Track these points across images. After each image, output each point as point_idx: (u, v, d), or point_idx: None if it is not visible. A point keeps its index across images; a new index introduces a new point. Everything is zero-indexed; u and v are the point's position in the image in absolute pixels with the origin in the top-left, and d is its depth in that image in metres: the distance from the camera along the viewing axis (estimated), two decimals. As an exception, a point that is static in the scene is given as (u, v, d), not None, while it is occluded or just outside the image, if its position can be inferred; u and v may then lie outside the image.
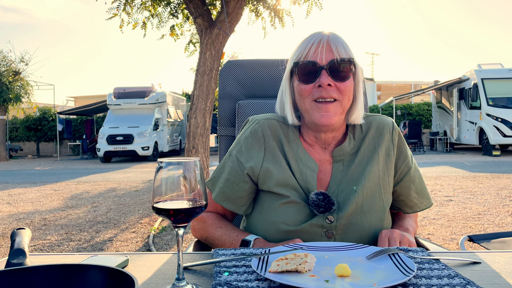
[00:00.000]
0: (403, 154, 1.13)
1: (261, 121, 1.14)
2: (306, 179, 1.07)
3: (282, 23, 5.71)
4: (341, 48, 1.05)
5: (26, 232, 0.90)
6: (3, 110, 17.46)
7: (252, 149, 1.12)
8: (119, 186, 8.65)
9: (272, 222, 1.06)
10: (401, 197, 1.14)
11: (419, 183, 1.14)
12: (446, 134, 17.21)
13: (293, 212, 1.04)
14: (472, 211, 5.26)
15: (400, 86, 32.78)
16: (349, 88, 1.06)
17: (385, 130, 1.12)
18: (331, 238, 1.04)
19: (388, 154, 1.10)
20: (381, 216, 1.07)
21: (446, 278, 0.76)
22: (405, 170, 1.12)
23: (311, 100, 1.05)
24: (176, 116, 18.75)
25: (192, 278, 0.81)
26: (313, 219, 1.03)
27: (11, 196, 7.65)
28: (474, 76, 14.54)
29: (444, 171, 9.75)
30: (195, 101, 5.41)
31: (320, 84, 1.03)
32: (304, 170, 1.08)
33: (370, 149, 1.10)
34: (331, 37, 1.06)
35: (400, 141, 1.13)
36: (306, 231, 1.03)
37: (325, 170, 1.09)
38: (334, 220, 1.03)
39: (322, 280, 0.75)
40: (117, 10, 5.89)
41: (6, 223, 5.37)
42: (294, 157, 1.09)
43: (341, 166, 1.09)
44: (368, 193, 1.06)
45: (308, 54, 1.05)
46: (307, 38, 1.08)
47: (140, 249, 4.06)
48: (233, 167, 1.13)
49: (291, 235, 1.04)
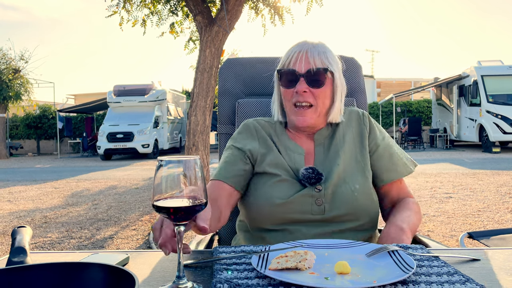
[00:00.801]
0: (372, 134, 1.30)
1: (250, 120, 1.35)
2: (294, 161, 1.22)
3: (282, 20, 5.70)
4: (318, 59, 1.21)
5: (27, 230, 0.91)
6: (3, 108, 17.46)
7: (247, 139, 1.29)
8: (119, 183, 8.66)
9: (266, 198, 1.18)
10: (373, 168, 1.27)
11: (388, 159, 1.28)
12: (446, 131, 17.21)
13: (285, 187, 1.18)
14: (472, 208, 5.27)
15: (400, 83, 32.71)
16: (324, 94, 1.22)
17: (353, 116, 1.31)
18: (320, 206, 1.16)
19: (362, 134, 1.28)
20: (363, 184, 1.21)
21: (446, 275, 0.77)
22: (374, 147, 1.28)
23: (291, 104, 1.23)
24: (176, 114, 18.74)
25: (193, 275, 0.81)
26: (303, 190, 1.17)
27: (12, 194, 7.65)
28: (474, 73, 14.53)
29: (444, 168, 9.76)
30: (195, 99, 5.41)
31: (297, 90, 1.20)
32: (292, 155, 1.24)
33: (343, 132, 1.28)
34: (311, 48, 1.22)
35: (371, 124, 1.31)
36: (297, 202, 1.16)
37: (310, 153, 1.26)
38: (322, 189, 1.17)
39: (322, 278, 0.75)
40: (116, 7, 5.88)
41: (7, 221, 5.38)
42: (282, 146, 1.26)
43: (322, 148, 1.26)
44: (347, 167, 1.22)
45: (290, 63, 1.23)
46: (291, 48, 1.25)
47: (141, 246, 4.07)
48: (232, 153, 1.26)
49: (284, 207, 1.16)
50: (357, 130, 1.29)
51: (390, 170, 1.26)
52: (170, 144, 17.64)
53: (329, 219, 1.16)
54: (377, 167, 1.27)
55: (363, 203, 1.18)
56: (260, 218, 1.19)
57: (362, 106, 1.63)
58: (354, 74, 1.62)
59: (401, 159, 1.29)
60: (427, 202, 5.73)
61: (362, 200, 1.18)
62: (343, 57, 1.60)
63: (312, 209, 1.15)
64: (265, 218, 1.18)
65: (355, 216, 1.17)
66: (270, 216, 1.17)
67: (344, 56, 1.61)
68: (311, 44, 1.24)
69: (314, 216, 1.15)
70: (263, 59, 1.69)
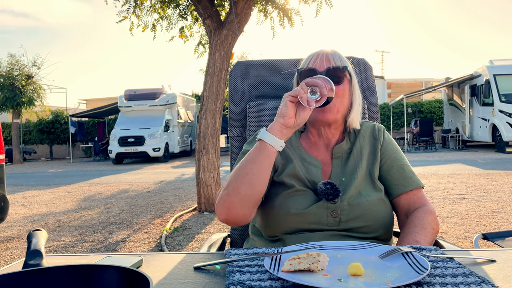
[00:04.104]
0: (384, 146, 1.32)
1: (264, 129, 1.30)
2: (311, 173, 1.23)
3: (291, 22, 5.70)
4: (337, 59, 1.26)
5: (42, 234, 0.92)
6: (17, 113, 17.73)
7: None
8: (131, 187, 8.72)
9: (281, 207, 1.18)
10: (385, 180, 1.28)
11: (400, 171, 1.28)
12: (458, 131, 17.01)
13: (301, 198, 1.19)
14: (485, 209, 5.20)
15: (410, 83, 32.43)
16: (343, 91, 1.24)
17: (370, 130, 1.34)
18: (336, 217, 1.17)
19: (375, 147, 1.30)
20: (378, 196, 1.22)
21: (461, 276, 0.76)
22: (385, 159, 1.30)
23: None
24: (186, 117, 18.83)
25: (205, 277, 0.81)
26: (319, 202, 1.17)
27: (26, 198, 7.76)
28: (486, 72, 14.35)
29: (457, 168, 9.64)
30: (205, 102, 5.43)
31: None
32: (308, 167, 1.25)
33: (361, 146, 1.30)
34: (330, 52, 1.28)
35: (385, 137, 1.33)
36: (313, 213, 1.16)
37: (326, 165, 1.27)
38: (338, 201, 1.17)
39: (335, 279, 0.75)
40: (127, 13, 5.94)
41: (21, 224, 5.46)
42: (298, 157, 1.27)
43: (339, 161, 1.27)
44: (363, 180, 1.24)
45: (309, 64, 1.27)
46: (310, 53, 1.30)
47: (153, 249, 4.09)
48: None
49: (299, 217, 1.16)
50: (372, 143, 1.31)
51: (401, 182, 1.26)
52: (180, 147, 17.72)
53: (344, 230, 1.16)
54: (389, 179, 1.28)
55: (378, 215, 1.19)
56: (274, 226, 1.19)
57: (373, 107, 1.62)
58: (364, 75, 1.62)
59: (412, 172, 1.30)
60: (440, 204, 5.66)
61: (377, 212, 1.19)
62: (353, 58, 1.59)
63: (327, 221, 1.16)
64: (279, 226, 1.18)
65: (370, 228, 1.18)
66: (284, 225, 1.18)
67: (354, 57, 1.61)
68: (330, 50, 1.30)
69: (329, 227, 1.16)
70: (273, 62, 1.69)
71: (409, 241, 1.11)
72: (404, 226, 1.20)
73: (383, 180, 1.28)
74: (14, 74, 16.97)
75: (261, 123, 1.56)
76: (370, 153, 1.29)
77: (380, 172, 1.28)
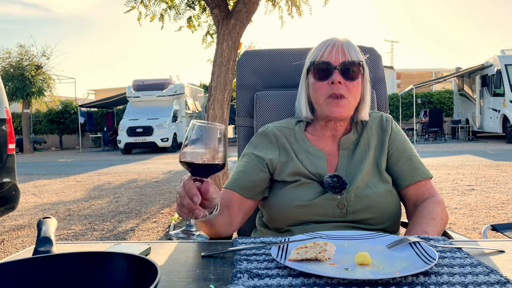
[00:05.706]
0: (392, 137, 1.29)
1: (268, 126, 1.33)
2: (316, 165, 1.21)
3: (299, 11, 5.65)
4: (353, 52, 1.21)
5: (52, 221, 0.93)
6: (27, 103, 17.88)
7: (267, 147, 1.27)
8: (139, 177, 8.79)
9: (287, 200, 1.18)
10: (393, 171, 1.26)
11: (408, 162, 1.26)
12: (468, 122, 16.83)
13: (306, 190, 1.17)
14: (495, 200, 5.16)
15: (420, 73, 32.05)
16: (357, 88, 1.22)
17: (378, 121, 1.31)
18: (342, 209, 1.15)
19: (383, 138, 1.28)
20: (385, 187, 1.20)
21: (469, 266, 0.75)
22: (393, 150, 1.27)
23: (326, 96, 1.20)
24: (194, 108, 18.86)
25: (212, 266, 0.82)
26: (326, 193, 1.16)
27: (36, 187, 7.86)
28: (497, 62, 14.14)
29: (467, 160, 9.56)
30: (212, 92, 5.42)
31: (333, 81, 1.18)
32: (313, 160, 1.22)
33: (368, 137, 1.27)
34: (345, 42, 1.23)
35: (393, 127, 1.30)
36: (319, 204, 1.15)
37: (332, 156, 1.25)
38: (345, 193, 1.16)
39: (342, 268, 0.75)
40: (134, 2, 5.92)
41: (32, 213, 5.54)
42: (303, 151, 1.24)
43: (346, 152, 1.25)
44: (370, 171, 1.22)
45: (323, 55, 1.21)
46: (323, 42, 1.24)
47: (161, 238, 4.13)
48: (249, 161, 1.25)
49: (305, 209, 1.15)
50: (380, 134, 1.28)
51: (410, 172, 1.24)
52: (188, 138, 17.76)
53: (351, 222, 1.15)
54: (397, 170, 1.25)
55: (385, 207, 1.18)
56: (281, 219, 1.19)
57: (382, 97, 1.61)
58: (373, 64, 1.60)
59: (421, 163, 1.28)
60: (449, 195, 5.63)
61: (384, 203, 1.18)
62: (363, 47, 1.58)
63: (334, 212, 1.15)
64: (286, 219, 1.18)
65: (377, 220, 1.17)
66: (291, 218, 1.17)
67: (363, 46, 1.59)
68: (345, 39, 1.24)
69: (336, 219, 1.15)
70: (281, 51, 1.68)
71: (417, 232, 1.10)
72: (413, 217, 1.19)
73: (391, 171, 1.26)
74: (24, 65, 17.08)
75: (269, 112, 1.55)
76: (378, 144, 1.27)
77: (388, 163, 1.26)
